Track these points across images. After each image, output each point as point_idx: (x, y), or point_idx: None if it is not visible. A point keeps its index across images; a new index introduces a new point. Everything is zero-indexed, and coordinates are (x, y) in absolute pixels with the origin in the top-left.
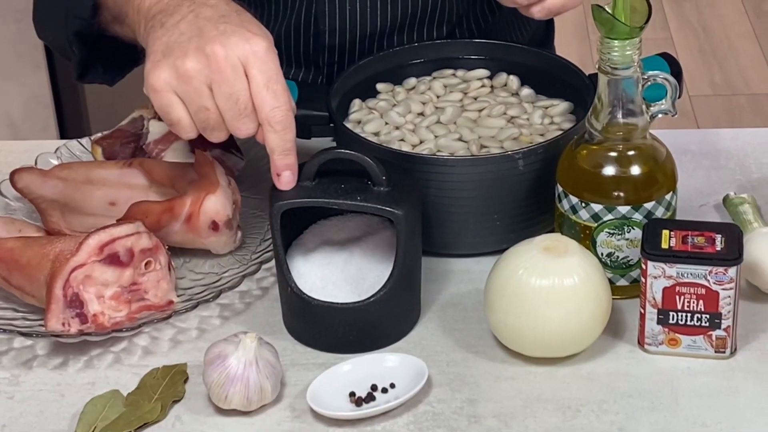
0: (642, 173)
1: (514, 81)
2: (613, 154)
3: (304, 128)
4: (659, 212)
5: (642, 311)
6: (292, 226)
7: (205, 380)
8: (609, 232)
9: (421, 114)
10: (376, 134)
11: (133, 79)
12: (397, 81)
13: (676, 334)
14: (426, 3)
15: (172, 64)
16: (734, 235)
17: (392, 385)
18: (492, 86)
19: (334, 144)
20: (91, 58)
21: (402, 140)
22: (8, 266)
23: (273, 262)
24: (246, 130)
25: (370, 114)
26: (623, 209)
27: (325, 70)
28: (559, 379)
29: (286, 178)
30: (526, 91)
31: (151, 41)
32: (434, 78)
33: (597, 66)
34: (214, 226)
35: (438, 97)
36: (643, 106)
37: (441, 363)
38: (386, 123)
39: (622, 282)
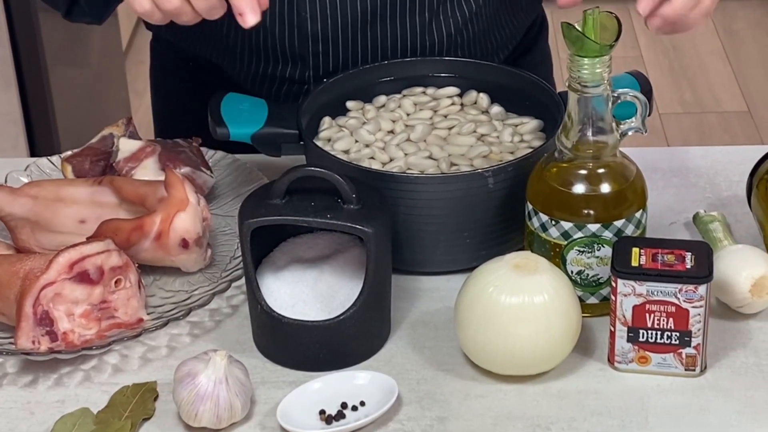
0: (612, 191)
1: (484, 99)
2: (583, 172)
3: (274, 146)
4: (629, 230)
5: (612, 329)
6: (262, 243)
7: (175, 398)
8: (579, 250)
9: (391, 132)
10: (346, 152)
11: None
12: (367, 99)
13: (646, 352)
14: None
15: None
16: (704, 253)
17: (362, 403)
18: (462, 104)
19: (304, 162)
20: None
21: (372, 158)
22: None
23: (243, 280)
24: (216, 14)
25: (340, 132)
26: (593, 227)
27: (311, 63)
28: (529, 397)
29: (248, 16)
30: (496, 109)
31: None
32: (404, 96)
33: (567, 84)
34: (184, 244)
35: (408, 114)
36: (613, 124)
37: (411, 381)
38: (356, 141)
39: (592, 300)
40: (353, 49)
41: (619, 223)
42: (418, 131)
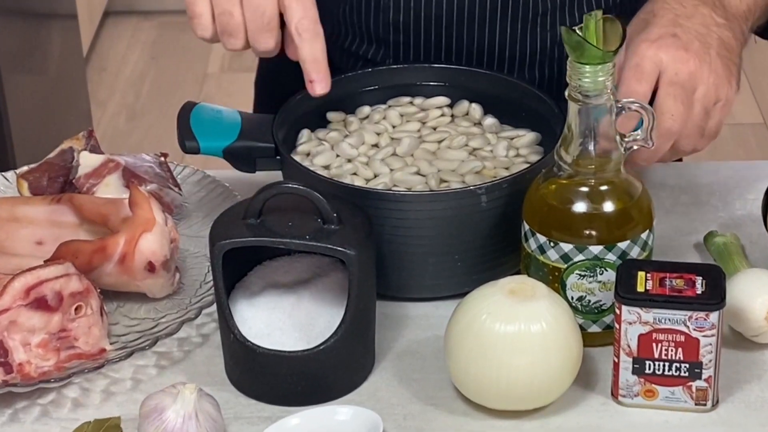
0: (616, 210)
1: (476, 109)
2: (584, 189)
3: (248, 161)
4: (634, 252)
5: (616, 360)
6: (236, 267)
7: None
8: (580, 274)
9: (376, 146)
10: (327, 167)
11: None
12: (350, 109)
13: (653, 385)
14: None
15: None
16: (716, 277)
17: None
18: (452, 115)
19: (281, 178)
20: None
21: (355, 174)
22: None
23: (214, 307)
24: (265, 44)
25: (320, 145)
26: (595, 249)
27: (391, 51)
28: None
29: (318, 85)
30: (490, 121)
31: None
32: (390, 106)
33: (567, 93)
34: (151, 268)
35: (394, 127)
36: (617, 137)
37: (397, 416)
38: (337, 155)
39: (594, 328)
40: (436, 46)
41: (623, 245)
42: (404, 145)
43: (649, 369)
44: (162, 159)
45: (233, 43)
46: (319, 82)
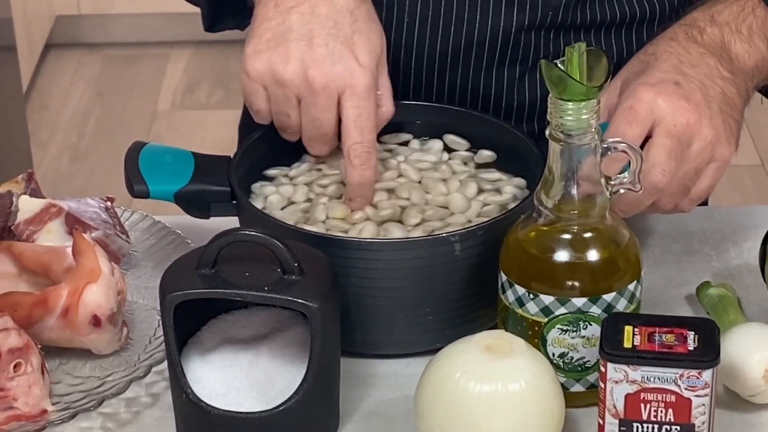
0: (601, 259)
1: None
2: (567, 236)
3: (202, 206)
4: (621, 305)
5: (601, 422)
6: (188, 321)
7: None
8: (561, 329)
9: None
10: (291, 205)
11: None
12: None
13: None
14: (494, 34)
15: (272, 62)
16: (710, 332)
17: None
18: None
19: (238, 224)
20: (220, 6)
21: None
22: None
23: (165, 364)
24: (318, 151)
25: (282, 186)
26: (578, 302)
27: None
28: None
29: (357, 205)
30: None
31: (259, 13)
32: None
33: (548, 132)
34: (96, 322)
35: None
36: (602, 180)
37: None
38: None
39: (578, 387)
40: (426, 89)
41: (609, 297)
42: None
43: None
44: (108, 204)
45: (289, 138)
46: (358, 205)
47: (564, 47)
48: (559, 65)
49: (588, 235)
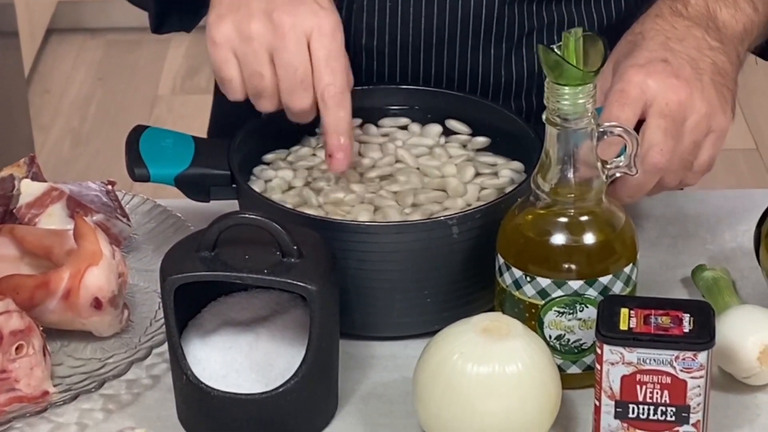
0: (597, 242)
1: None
2: (563, 219)
3: (201, 189)
4: (617, 288)
5: (597, 403)
6: (188, 303)
7: None
8: (558, 311)
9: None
10: (290, 189)
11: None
12: (312, 133)
13: (637, 431)
14: (478, 10)
15: (237, 22)
16: (705, 314)
17: None
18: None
19: (237, 208)
20: (167, 7)
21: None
22: None
23: (165, 346)
24: (300, 103)
25: (282, 170)
26: (575, 284)
27: (363, 77)
28: None
29: (337, 161)
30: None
31: None
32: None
33: (545, 116)
34: (97, 304)
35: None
36: (599, 164)
37: None
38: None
39: (574, 369)
40: (413, 73)
41: (605, 280)
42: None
43: (633, 413)
44: (109, 187)
45: (265, 105)
46: (338, 160)
47: (547, 20)
48: (555, 50)
49: (584, 218)
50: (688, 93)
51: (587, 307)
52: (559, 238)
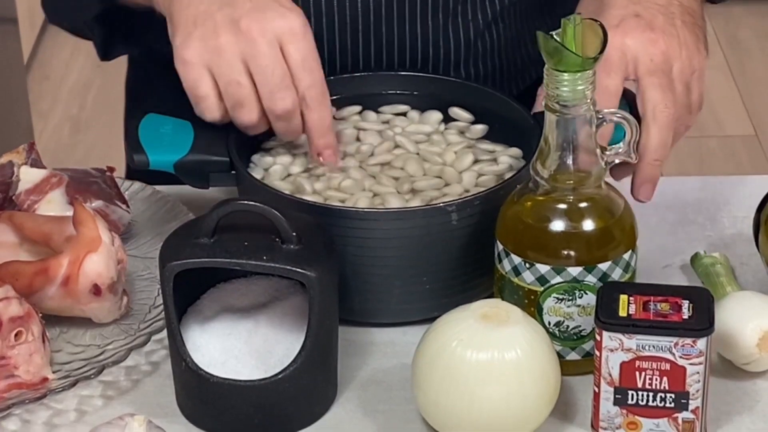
0: (596, 229)
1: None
2: (563, 206)
3: (201, 176)
4: (616, 274)
5: (596, 390)
6: (188, 290)
7: None
8: (557, 298)
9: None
10: (288, 176)
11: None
12: None
13: (636, 417)
14: None
15: (204, 37)
16: (704, 300)
17: None
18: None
19: (236, 194)
20: (112, 34)
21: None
22: None
23: (164, 333)
24: (283, 103)
25: (281, 155)
26: (574, 271)
27: None
28: None
29: (327, 157)
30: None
31: (175, 10)
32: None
33: (544, 103)
34: (96, 291)
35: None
36: (598, 151)
37: None
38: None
39: (573, 356)
40: (353, 54)
41: (604, 266)
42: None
43: (632, 399)
44: (108, 174)
45: (246, 115)
46: (328, 155)
47: None
48: (554, 36)
49: (583, 204)
50: (667, 42)
51: (586, 293)
52: (558, 225)
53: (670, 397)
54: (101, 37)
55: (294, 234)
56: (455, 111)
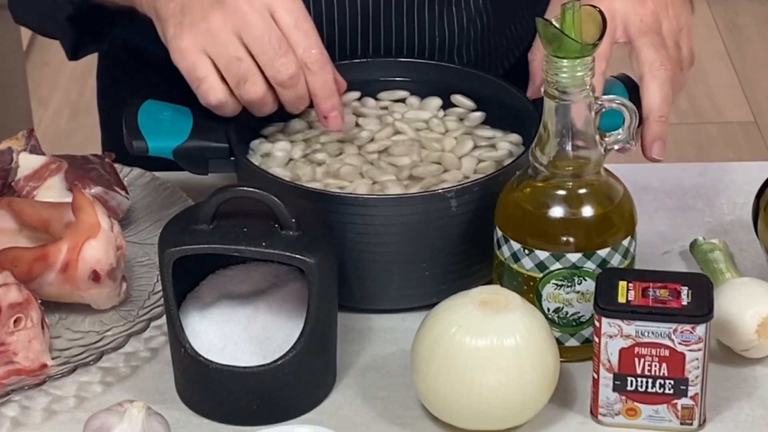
0: (595, 215)
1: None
2: (562, 192)
3: (200, 162)
4: (615, 260)
5: (595, 376)
6: (187, 276)
7: None
8: (556, 284)
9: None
10: (289, 162)
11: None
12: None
13: (636, 403)
14: None
15: (194, 23)
16: (703, 287)
17: None
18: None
19: (236, 181)
20: (81, 35)
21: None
22: None
23: (164, 319)
24: (286, 70)
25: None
26: (573, 257)
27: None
28: None
29: (333, 120)
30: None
31: (160, 6)
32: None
33: (543, 90)
34: (95, 277)
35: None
36: (597, 137)
37: None
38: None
39: (572, 342)
40: (351, 44)
41: (603, 253)
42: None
43: (631, 386)
44: (107, 160)
45: (252, 89)
46: (333, 118)
47: None
48: (553, 23)
49: (583, 191)
50: (655, 2)
51: (585, 279)
52: (557, 211)
53: (669, 383)
54: (71, 37)
55: (293, 220)
56: (457, 98)
